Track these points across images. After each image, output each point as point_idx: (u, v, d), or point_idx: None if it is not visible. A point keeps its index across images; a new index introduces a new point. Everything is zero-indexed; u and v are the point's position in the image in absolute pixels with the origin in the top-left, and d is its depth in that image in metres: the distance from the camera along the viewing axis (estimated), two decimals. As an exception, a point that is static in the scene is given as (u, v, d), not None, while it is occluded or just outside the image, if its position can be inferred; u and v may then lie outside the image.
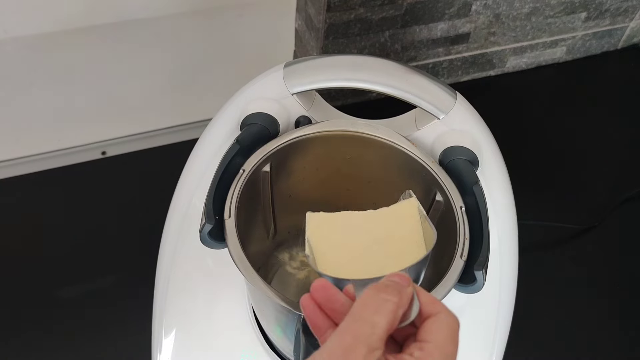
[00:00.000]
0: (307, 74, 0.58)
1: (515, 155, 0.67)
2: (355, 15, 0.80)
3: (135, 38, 0.80)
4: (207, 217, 0.47)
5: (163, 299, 0.58)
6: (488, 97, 0.98)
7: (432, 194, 0.54)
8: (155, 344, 0.58)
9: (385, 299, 0.33)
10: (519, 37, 0.96)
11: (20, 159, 0.86)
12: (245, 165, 0.52)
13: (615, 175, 0.90)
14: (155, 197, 0.66)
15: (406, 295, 0.34)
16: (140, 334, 0.63)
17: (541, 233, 0.82)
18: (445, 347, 0.32)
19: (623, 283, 0.79)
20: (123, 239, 0.77)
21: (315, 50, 0.84)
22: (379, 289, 0.34)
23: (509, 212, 0.59)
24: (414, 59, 0.91)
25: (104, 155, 0.87)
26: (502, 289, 0.58)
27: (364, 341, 0.31)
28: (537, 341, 0.72)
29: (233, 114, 0.58)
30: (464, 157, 0.55)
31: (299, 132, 0.54)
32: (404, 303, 0.34)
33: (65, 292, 0.73)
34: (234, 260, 0.47)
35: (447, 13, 0.86)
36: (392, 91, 0.57)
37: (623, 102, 1.01)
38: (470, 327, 0.57)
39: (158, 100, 0.89)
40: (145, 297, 0.61)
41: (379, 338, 0.31)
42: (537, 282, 0.76)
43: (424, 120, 0.58)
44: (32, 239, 0.77)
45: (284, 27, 0.89)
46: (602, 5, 0.96)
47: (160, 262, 0.60)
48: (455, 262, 0.48)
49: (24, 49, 0.76)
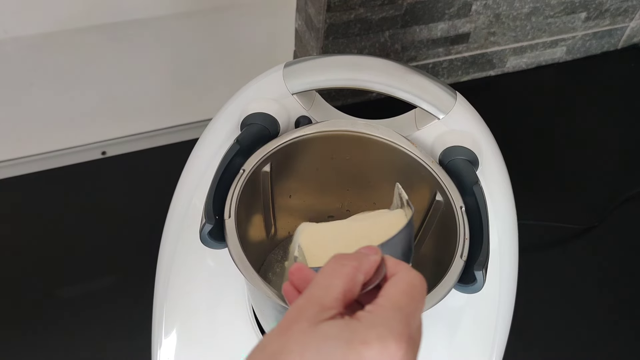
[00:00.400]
0: (307, 74, 0.58)
1: (515, 155, 0.67)
2: (355, 15, 0.80)
3: (135, 38, 0.80)
4: (207, 217, 0.47)
5: (163, 299, 0.58)
6: (488, 97, 0.98)
7: (432, 194, 0.54)
8: (155, 344, 0.58)
9: (342, 264, 0.34)
10: (519, 37, 0.96)
11: (20, 159, 0.86)
12: (245, 165, 0.52)
13: (615, 175, 0.90)
14: (155, 197, 0.66)
15: (368, 262, 0.34)
16: (140, 334, 0.63)
17: (541, 233, 0.82)
18: (398, 300, 0.32)
19: (623, 283, 0.79)
20: (123, 239, 0.77)
21: (315, 50, 0.84)
22: (339, 257, 0.35)
23: (509, 212, 0.59)
24: (414, 59, 0.91)
25: (104, 155, 0.87)
26: (502, 289, 0.58)
27: (315, 302, 0.32)
28: (537, 341, 0.72)
29: (233, 114, 0.58)
30: (464, 157, 0.55)
31: (299, 132, 0.54)
32: (365, 268, 0.34)
33: (64, 292, 0.73)
34: (234, 260, 0.47)
35: (447, 13, 0.86)
36: (392, 91, 0.57)
37: (623, 102, 1.00)
38: (470, 327, 0.57)
39: (158, 100, 0.89)
40: (145, 297, 0.61)
41: (333, 299, 0.32)
42: (537, 282, 0.76)
43: (424, 120, 0.58)
44: (32, 239, 0.77)
45: (284, 27, 0.89)
46: (602, 5, 0.96)
47: (160, 262, 0.60)
48: (455, 262, 0.48)
49: (24, 49, 0.76)
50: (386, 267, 0.35)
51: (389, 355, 0.30)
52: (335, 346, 0.30)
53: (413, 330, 0.32)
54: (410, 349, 0.31)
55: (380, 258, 0.35)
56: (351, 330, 0.31)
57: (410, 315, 0.32)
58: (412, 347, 0.31)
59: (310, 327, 0.31)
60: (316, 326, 0.31)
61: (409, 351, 0.30)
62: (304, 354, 0.30)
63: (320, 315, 0.31)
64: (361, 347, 0.30)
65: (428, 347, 0.57)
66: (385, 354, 0.30)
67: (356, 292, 0.34)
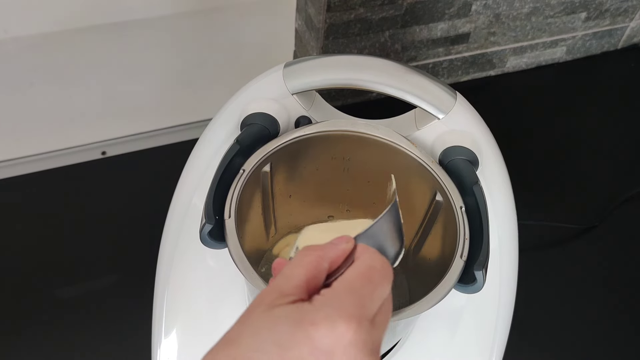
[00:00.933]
0: (307, 74, 0.58)
1: (515, 155, 0.67)
2: (355, 15, 0.80)
3: (135, 38, 0.80)
4: (207, 217, 0.47)
5: (163, 299, 0.58)
6: (488, 97, 0.98)
7: (432, 194, 0.54)
8: (155, 344, 0.58)
9: (306, 254, 0.35)
10: (519, 37, 0.96)
11: (20, 159, 0.86)
12: (245, 165, 0.52)
13: (615, 175, 0.90)
14: (155, 197, 0.66)
15: (334, 250, 0.35)
16: (140, 334, 0.63)
17: (541, 233, 0.82)
18: (353, 282, 0.33)
19: (623, 283, 0.79)
20: (123, 239, 0.77)
21: (315, 50, 0.84)
22: (306, 248, 0.35)
23: (509, 212, 0.59)
24: (414, 59, 0.91)
25: (104, 155, 0.86)
26: (502, 289, 0.58)
27: (276, 289, 0.33)
28: (537, 341, 0.72)
29: (233, 114, 0.58)
30: (464, 157, 0.55)
31: (299, 132, 0.54)
32: (330, 256, 0.35)
33: (65, 292, 0.73)
34: (234, 260, 0.47)
35: (447, 13, 0.86)
36: (392, 91, 0.57)
37: (623, 102, 1.00)
38: (470, 327, 0.57)
39: (158, 100, 0.89)
40: (145, 297, 0.61)
41: (293, 286, 0.33)
42: (537, 282, 0.76)
43: (424, 120, 0.58)
44: (32, 239, 0.77)
45: (284, 27, 0.89)
46: (602, 5, 0.96)
47: (160, 262, 0.60)
48: (455, 262, 0.48)
49: (24, 49, 0.76)
50: (354, 254, 0.35)
51: (337, 335, 0.30)
52: (284, 328, 0.31)
53: (369, 312, 0.32)
54: (363, 330, 0.31)
55: (351, 246, 0.36)
56: (301, 312, 0.31)
57: (365, 297, 0.32)
58: (367, 329, 0.31)
59: (265, 311, 0.32)
60: (270, 310, 0.32)
61: (360, 332, 0.31)
62: (256, 336, 0.31)
63: (278, 301, 0.32)
64: (309, 328, 0.30)
65: (428, 347, 0.57)
66: (334, 334, 0.30)
67: (321, 279, 0.34)
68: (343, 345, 0.30)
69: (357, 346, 0.30)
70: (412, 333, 0.57)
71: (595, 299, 0.77)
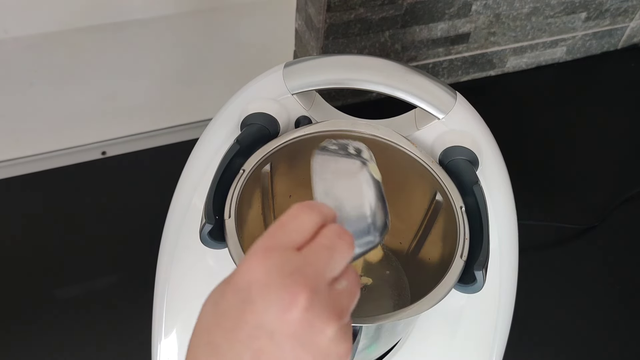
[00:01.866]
0: (307, 74, 0.58)
1: (516, 155, 0.67)
2: (355, 15, 0.80)
3: (135, 38, 0.80)
4: (207, 217, 0.47)
5: (163, 299, 0.58)
6: (488, 97, 0.98)
7: (432, 194, 0.54)
8: (155, 344, 0.58)
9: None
10: (519, 37, 0.96)
11: (20, 159, 0.86)
12: (245, 165, 0.52)
13: (615, 175, 0.90)
14: (155, 197, 0.66)
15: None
16: (140, 334, 0.63)
17: (541, 233, 0.82)
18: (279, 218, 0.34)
19: (623, 283, 0.79)
20: (123, 239, 0.77)
21: (315, 50, 0.84)
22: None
23: (509, 212, 0.59)
24: (414, 59, 0.91)
25: (104, 155, 0.86)
26: (502, 289, 0.58)
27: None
28: (537, 341, 0.72)
29: (233, 114, 0.58)
30: (464, 157, 0.55)
31: (299, 132, 0.54)
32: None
33: (65, 292, 0.73)
34: (234, 261, 0.46)
35: (447, 13, 0.86)
36: (392, 91, 0.57)
37: (623, 102, 1.00)
38: (470, 327, 0.57)
39: (158, 100, 0.89)
40: (145, 297, 0.61)
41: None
42: (537, 282, 0.76)
43: (424, 120, 0.58)
44: (32, 239, 0.77)
45: (284, 27, 0.89)
46: (602, 5, 0.96)
47: (160, 262, 0.59)
48: (455, 262, 0.48)
49: (24, 49, 0.76)
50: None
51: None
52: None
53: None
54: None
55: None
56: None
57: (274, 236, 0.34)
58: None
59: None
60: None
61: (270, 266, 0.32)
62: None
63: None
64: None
65: (428, 347, 0.57)
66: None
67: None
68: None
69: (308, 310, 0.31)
70: (412, 333, 0.57)
71: (595, 299, 0.77)
